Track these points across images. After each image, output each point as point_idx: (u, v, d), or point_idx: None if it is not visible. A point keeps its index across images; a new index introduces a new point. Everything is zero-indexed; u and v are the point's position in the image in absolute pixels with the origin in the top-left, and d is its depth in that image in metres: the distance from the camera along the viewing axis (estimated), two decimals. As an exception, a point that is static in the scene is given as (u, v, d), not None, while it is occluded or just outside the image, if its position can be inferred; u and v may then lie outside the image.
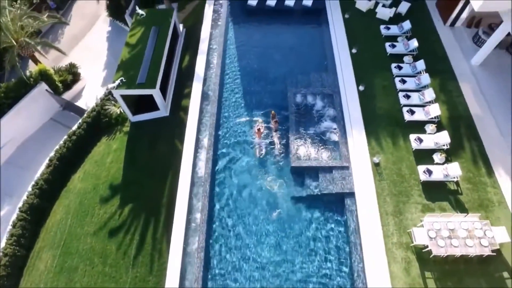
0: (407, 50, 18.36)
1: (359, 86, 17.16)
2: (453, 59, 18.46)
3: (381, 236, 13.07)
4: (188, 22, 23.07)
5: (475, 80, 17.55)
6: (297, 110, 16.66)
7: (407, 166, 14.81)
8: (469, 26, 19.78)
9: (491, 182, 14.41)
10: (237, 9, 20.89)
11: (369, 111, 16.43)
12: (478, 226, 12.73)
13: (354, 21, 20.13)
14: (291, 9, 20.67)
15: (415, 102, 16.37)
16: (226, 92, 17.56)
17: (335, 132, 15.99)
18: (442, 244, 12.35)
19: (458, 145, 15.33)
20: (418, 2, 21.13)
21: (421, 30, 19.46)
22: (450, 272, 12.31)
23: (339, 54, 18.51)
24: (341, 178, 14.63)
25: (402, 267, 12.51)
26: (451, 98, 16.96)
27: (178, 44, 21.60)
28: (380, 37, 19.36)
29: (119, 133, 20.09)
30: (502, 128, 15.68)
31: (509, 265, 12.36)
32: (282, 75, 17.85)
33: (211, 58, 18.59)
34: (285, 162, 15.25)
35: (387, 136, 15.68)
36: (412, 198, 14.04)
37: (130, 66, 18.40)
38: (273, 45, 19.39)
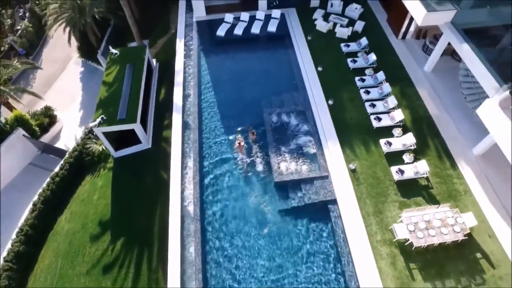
0: (367, 64, 20.06)
1: (329, 100, 18.50)
2: (408, 68, 20.32)
3: (365, 236, 14.01)
4: (160, 56, 24.10)
5: (429, 85, 19.36)
6: (274, 129, 17.67)
7: (381, 169, 16.03)
8: (418, 38, 21.90)
9: (455, 174, 15.84)
10: (207, 40, 22.10)
11: (341, 123, 17.71)
12: (449, 215, 13.95)
13: (317, 42, 21.78)
14: (258, 36, 22.07)
15: (380, 110, 17.86)
16: (206, 118, 18.40)
17: (311, 145, 17.06)
18: (421, 236, 13.42)
19: (423, 144, 16.78)
20: (371, 20, 23.21)
21: (377, 45, 21.32)
22: (432, 260, 13.33)
23: (307, 73, 19.93)
24: (322, 187, 15.60)
25: (389, 262, 13.43)
26: (412, 103, 18.59)
27: (153, 78, 22.50)
28: (341, 54, 21.03)
29: (103, 170, 20.37)
30: (458, 124, 17.35)
31: (480, 246, 13.57)
32: (256, 97, 18.90)
33: (187, 88, 19.49)
34: (268, 178, 16.08)
35: (359, 144, 16.93)
36: (389, 198, 15.16)
37: (109, 104, 18.99)
38: (244, 71, 20.56)
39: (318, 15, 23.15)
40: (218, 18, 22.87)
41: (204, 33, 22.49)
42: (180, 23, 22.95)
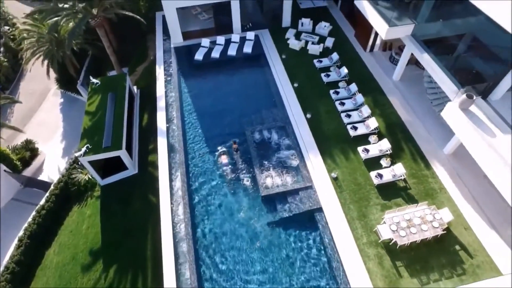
0: (340, 77, 21.28)
1: (307, 114, 19.44)
2: (378, 78, 21.66)
3: (352, 239, 14.70)
4: (140, 83, 24.65)
5: (399, 92, 20.69)
6: (257, 146, 18.38)
7: (361, 175, 16.91)
8: (384, 50, 23.44)
9: (430, 173, 16.91)
10: (186, 65, 22.85)
11: (320, 134, 18.61)
12: (428, 212, 14.86)
13: (291, 59, 22.92)
14: (234, 58, 23.01)
15: (355, 119, 18.92)
16: (190, 140, 18.92)
17: (294, 158, 17.82)
18: (403, 234, 14.22)
19: (398, 148, 17.86)
20: (340, 36, 24.68)
21: (348, 59, 22.67)
22: (416, 257, 14.10)
23: (284, 89, 20.91)
24: (308, 197, 16.30)
25: (376, 262, 14.12)
26: (384, 111, 19.78)
27: (135, 105, 22.97)
28: (315, 69, 22.21)
29: (91, 199, 20.43)
30: (428, 127, 18.57)
31: (458, 238, 14.49)
32: (237, 116, 19.65)
33: (170, 112, 20.04)
34: (256, 193, 16.66)
35: (339, 153, 17.84)
36: (371, 201, 15.99)
37: (94, 132, 19.28)
38: (224, 92, 21.33)
39: (290, 34, 24.42)
40: (195, 43, 23.77)
41: (183, 58, 23.27)
42: (158, 50, 23.71)
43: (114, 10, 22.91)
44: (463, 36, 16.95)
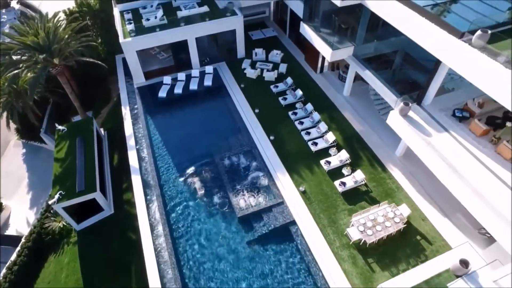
0: (296, 99, 23.14)
1: (270, 136, 20.90)
2: (331, 96, 23.78)
3: (326, 245, 15.93)
4: (107, 125, 25.13)
5: (350, 106, 22.85)
6: (227, 171, 19.45)
7: (326, 185, 18.41)
8: (333, 70, 25.85)
9: (387, 175, 18.76)
10: (151, 103, 23.75)
11: (284, 153, 20.04)
12: (389, 210, 16.50)
13: (250, 88, 24.56)
14: (196, 91, 24.29)
15: (315, 136, 20.63)
16: (163, 174, 19.61)
17: (263, 178, 19.05)
18: (370, 233, 15.66)
19: (356, 157, 19.65)
20: (292, 61, 26.87)
21: (301, 81, 24.70)
22: (384, 251, 15.52)
23: (246, 116, 22.34)
24: (281, 212, 17.46)
25: (351, 263, 15.37)
26: (339, 124, 21.71)
27: (104, 146, 23.37)
28: (273, 94, 23.96)
29: (67, 245, 20.28)
30: (379, 135, 20.64)
31: (418, 229, 16.19)
32: (206, 146, 20.68)
33: (141, 150, 20.69)
34: (232, 215, 17.57)
35: (304, 168, 19.29)
36: (339, 208, 17.44)
37: (65, 178, 19.46)
38: (191, 124, 22.36)
39: (246, 64, 26.25)
40: (158, 81, 24.85)
41: (147, 97, 24.20)
42: (122, 92, 24.50)
43: (74, 58, 23.59)
44: (397, 52, 19.48)
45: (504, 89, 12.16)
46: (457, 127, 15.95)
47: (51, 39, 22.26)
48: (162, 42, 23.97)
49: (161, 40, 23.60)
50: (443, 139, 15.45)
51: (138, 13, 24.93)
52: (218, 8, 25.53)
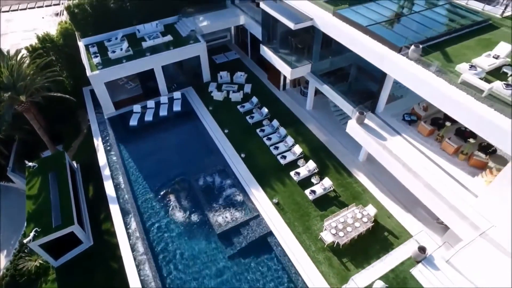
0: (262, 117, 24.45)
1: (241, 154, 21.90)
2: (295, 111, 25.31)
3: (303, 251, 16.93)
4: (79, 157, 25.14)
5: (314, 119, 24.44)
6: (203, 191, 20.20)
7: (298, 195, 19.56)
8: (294, 86, 27.56)
9: (353, 180, 20.24)
10: (123, 132, 24.11)
11: (256, 169, 21.06)
12: (357, 212, 17.84)
13: (218, 109, 25.62)
14: (167, 117, 25.01)
15: (283, 150, 21.89)
16: (141, 201, 19.97)
17: (238, 194, 19.94)
18: (342, 235, 16.86)
19: (323, 165, 21.04)
20: (256, 81, 28.33)
21: (266, 99, 26.14)
22: (357, 250, 16.71)
23: (217, 137, 23.29)
24: (257, 225, 18.34)
25: (327, 264, 16.43)
26: (305, 137, 23.16)
27: (78, 179, 23.36)
28: (240, 114, 25.14)
29: (45, 284, 19.91)
30: (342, 143, 22.22)
31: (385, 226, 17.62)
32: (181, 168, 21.30)
33: (116, 179, 21.00)
34: (212, 233, 18.24)
35: (275, 181, 20.38)
36: (311, 215, 18.59)
37: (40, 214, 19.33)
38: (164, 149, 22.91)
39: (212, 88, 27.40)
40: (128, 110, 25.34)
41: (118, 126, 24.58)
42: (93, 123, 24.77)
43: (41, 94, 23.75)
44: (351, 65, 21.33)
45: (436, 93, 14.03)
46: (407, 130, 17.78)
47: (15, 77, 22.39)
48: (130, 73, 24.73)
49: (129, 70, 24.34)
50: (396, 141, 17.17)
51: (103, 46, 25.55)
52: (181, 36, 26.69)
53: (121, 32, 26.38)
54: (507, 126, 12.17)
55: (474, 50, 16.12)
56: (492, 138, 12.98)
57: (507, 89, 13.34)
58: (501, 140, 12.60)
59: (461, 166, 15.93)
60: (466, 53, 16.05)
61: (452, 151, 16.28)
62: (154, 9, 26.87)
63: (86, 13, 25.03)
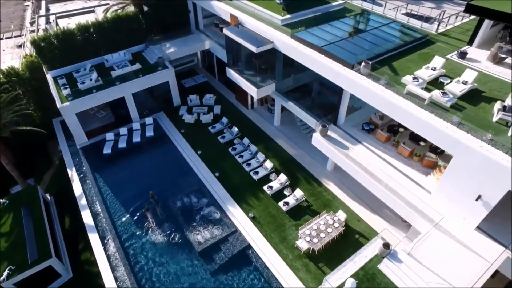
0: (233, 136, 25.49)
1: (215, 173, 22.74)
2: (264, 128, 26.59)
3: (281, 260, 17.79)
4: (52, 189, 24.86)
5: (282, 134, 25.78)
6: (181, 212, 20.75)
7: (272, 208, 20.53)
8: (262, 104, 28.95)
9: (323, 189, 21.53)
10: (97, 160, 24.22)
11: (230, 186, 21.90)
12: (329, 218, 19.02)
13: (190, 132, 26.40)
14: (140, 143, 25.43)
15: (255, 166, 22.92)
16: (121, 226, 20.16)
17: (215, 212, 20.63)
18: (316, 241, 17.91)
19: (294, 178, 22.24)
20: (225, 102, 29.49)
21: (235, 119, 27.29)
22: (332, 254, 17.75)
23: (190, 159, 24.01)
24: (236, 239, 19.07)
25: (305, 270, 17.35)
26: (275, 152, 24.37)
27: (52, 211, 23.10)
28: (212, 135, 26.06)
29: (24, 322, 19.39)
30: (311, 154, 23.59)
31: (355, 229, 18.90)
32: (158, 192, 21.64)
33: (93, 207, 21.04)
34: (192, 251, 18.74)
35: (250, 196, 21.29)
36: (286, 225, 19.57)
37: (14, 251, 18.94)
38: (140, 174, 23.30)
39: (183, 111, 28.23)
40: (101, 139, 25.56)
41: (92, 155, 24.68)
42: (65, 154, 24.76)
43: (8, 129, 23.58)
44: (313, 82, 22.95)
45: (387, 104, 15.70)
46: (367, 138, 19.40)
47: (-19, 114, 22.24)
48: (101, 102, 25.10)
49: (100, 100, 24.74)
50: (357, 149, 18.68)
51: (72, 77, 25.85)
52: (150, 63, 27.52)
53: (89, 63, 26.86)
54: (445, 128, 13.90)
55: (416, 63, 18.18)
56: (435, 139, 14.70)
57: (443, 97, 15.22)
58: (442, 141, 14.32)
59: (415, 167, 17.61)
60: (410, 66, 18.05)
61: (407, 154, 17.96)
62: (121, 38, 27.62)
63: (53, 46, 25.34)
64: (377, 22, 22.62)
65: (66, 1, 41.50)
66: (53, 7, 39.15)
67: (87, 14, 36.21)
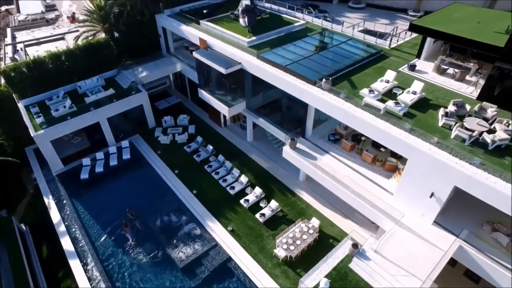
0: (208, 154, 26.38)
1: (193, 191, 23.43)
2: (237, 144, 27.65)
3: (261, 269, 18.60)
4: (27, 218, 24.62)
5: (256, 149, 26.93)
6: (162, 230, 21.22)
7: (250, 220, 21.42)
8: (235, 122, 30.10)
9: (297, 198, 22.68)
10: (74, 186, 24.20)
11: (208, 202, 22.63)
12: (303, 225, 20.10)
13: (166, 152, 27.01)
14: (117, 166, 25.72)
15: (231, 181, 23.82)
16: (102, 249, 20.26)
17: (195, 228, 21.24)
18: (293, 248, 18.89)
19: (268, 190, 23.28)
20: (198, 121, 30.42)
21: (210, 137, 28.22)
22: (308, 259, 18.65)
23: (168, 178, 24.60)
24: (217, 253, 19.75)
25: (284, 277, 18.23)
26: (249, 166, 25.40)
27: (29, 242, 22.86)
28: (188, 154, 26.76)
29: None
30: (283, 167, 24.76)
31: (329, 234, 20.06)
32: (138, 213, 22.01)
33: (73, 233, 21.03)
34: (175, 268, 19.22)
35: (228, 210, 22.10)
36: (264, 235, 20.47)
37: (-11, 287, 18.73)
38: (119, 196, 23.56)
39: (158, 133, 28.87)
40: (77, 164, 25.67)
41: (69, 181, 24.68)
42: (40, 182, 24.65)
43: (-21, 161, 23.41)
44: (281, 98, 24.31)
45: (347, 115, 17.25)
46: (333, 148, 20.86)
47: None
48: (76, 128, 25.30)
49: (75, 126, 24.96)
50: (325, 159, 20.06)
51: (45, 105, 25.96)
52: (123, 88, 28.13)
53: (62, 90, 27.12)
54: (399, 135, 15.52)
55: (372, 77, 19.97)
56: (392, 145, 16.31)
57: (396, 106, 16.94)
58: (397, 146, 15.92)
59: (378, 171, 19.15)
60: (366, 80, 19.81)
61: (370, 160, 19.51)
62: (93, 65, 28.11)
63: (23, 75, 25.46)
64: (337, 40, 24.55)
65: (33, 29, 41.34)
66: (19, 35, 38.92)
67: (56, 41, 36.42)
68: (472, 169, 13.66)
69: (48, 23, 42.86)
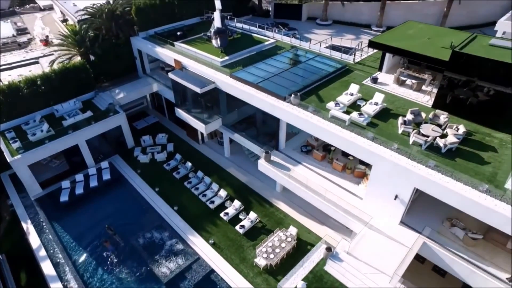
0: (187, 170, 27.04)
1: (174, 207, 23.97)
2: (216, 159, 28.47)
3: (243, 279, 19.26)
4: (3, 246, 24.19)
5: (233, 164, 27.79)
6: (144, 248, 21.58)
7: (231, 232, 22.12)
8: (212, 138, 31.01)
9: (274, 209, 23.61)
10: (54, 210, 24.12)
11: (189, 218, 23.18)
12: (281, 234, 20.98)
13: (146, 172, 27.45)
14: (98, 187, 25.83)
15: (210, 196, 24.51)
16: (85, 272, 20.29)
17: (177, 243, 21.73)
18: (272, 257, 19.69)
19: (247, 202, 24.13)
20: (177, 139, 31.06)
21: (188, 154, 28.92)
22: (288, 266, 19.30)
23: (149, 197, 25.02)
24: (200, 266, 20.29)
25: (265, 285, 18.94)
26: (228, 180, 26.22)
27: (5, 271, 22.42)
28: (166, 172, 27.27)
29: None
30: (261, 179, 25.73)
31: (306, 240, 20.99)
32: (120, 232, 22.24)
33: (54, 257, 20.96)
34: (159, 283, 19.58)
35: (209, 224, 22.74)
36: (245, 246, 21.20)
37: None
38: (101, 217, 23.61)
39: (137, 152, 29.30)
40: (56, 187, 25.64)
41: (48, 205, 24.59)
42: (18, 207, 24.46)
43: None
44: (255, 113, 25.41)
45: (316, 128, 18.54)
46: (306, 158, 22.06)
47: None
48: (54, 152, 25.38)
49: (53, 150, 25.05)
50: (298, 170, 21.20)
51: (21, 129, 25.97)
52: (101, 110, 28.54)
53: (39, 114, 27.26)
54: (363, 143, 16.88)
55: (338, 90, 21.49)
56: (357, 153, 17.64)
57: (360, 117, 18.37)
58: (362, 154, 17.26)
59: (349, 178, 20.45)
60: (333, 93, 21.29)
61: (340, 168, 20.80)
62: (70, 88, 28.43)
63: (-3, 101, 25.53)
64: (305, 57, 26.15)
65: (5, 53, 41.11)
66: (-10, 60, 38.67)
67: (30, 65, 36.49)
68: (427, 171, 15.11)
69: (21, 46, 42.81)
